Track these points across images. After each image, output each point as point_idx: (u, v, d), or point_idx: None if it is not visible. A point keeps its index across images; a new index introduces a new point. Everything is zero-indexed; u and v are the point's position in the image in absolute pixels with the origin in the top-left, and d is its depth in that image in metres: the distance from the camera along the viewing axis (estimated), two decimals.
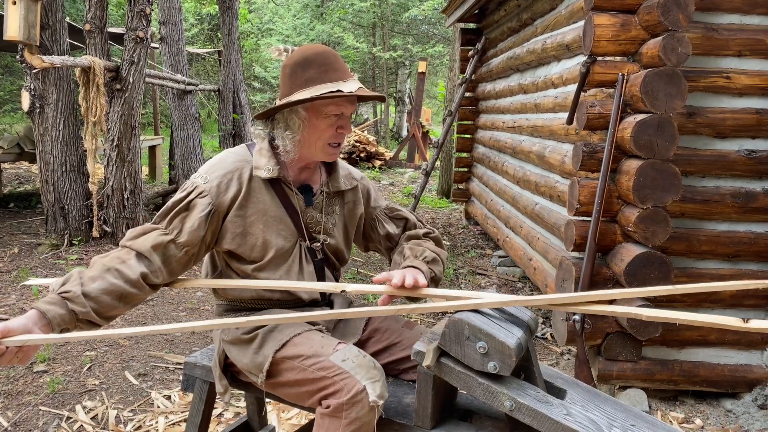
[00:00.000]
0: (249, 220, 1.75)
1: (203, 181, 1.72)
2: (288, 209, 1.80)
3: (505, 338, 1.43)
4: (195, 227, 1.68)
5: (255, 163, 1.77)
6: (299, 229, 1.81)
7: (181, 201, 1.71)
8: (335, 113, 1.72)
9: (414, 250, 1.85)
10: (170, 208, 1.71)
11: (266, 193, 1.77)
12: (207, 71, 21.25)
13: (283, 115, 1.75)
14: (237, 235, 1.74)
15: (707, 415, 3.09)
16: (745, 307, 3.14)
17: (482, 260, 6.01)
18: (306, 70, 1.71)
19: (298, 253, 1.81)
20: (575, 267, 2.99)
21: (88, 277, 1.57)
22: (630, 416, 1.52)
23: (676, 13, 2.73)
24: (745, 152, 3.05)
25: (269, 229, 1.76)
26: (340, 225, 1.91)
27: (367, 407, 1.54)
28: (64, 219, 5.65)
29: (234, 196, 1.73)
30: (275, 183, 1.79)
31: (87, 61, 5.27)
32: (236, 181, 1.74)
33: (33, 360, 3.36)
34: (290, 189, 1.81)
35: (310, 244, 1.83)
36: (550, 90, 4.34)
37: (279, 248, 1.77)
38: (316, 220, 1.85)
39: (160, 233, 1.68)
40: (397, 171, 13.11)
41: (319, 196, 1.86)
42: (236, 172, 1.75)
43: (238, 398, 3.02)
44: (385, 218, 2.01)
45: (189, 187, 1.73)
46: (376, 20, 19.58)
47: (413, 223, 2.03)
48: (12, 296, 4.33)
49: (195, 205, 1.70)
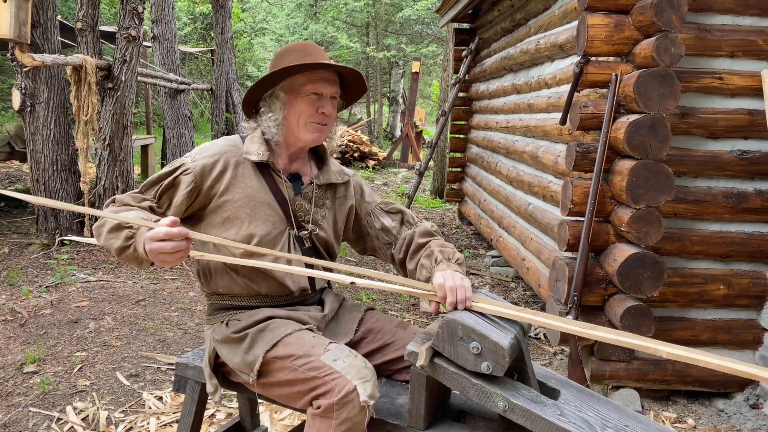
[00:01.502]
0: (236, 204, 1.78)
1: (190, 161, 1.79)
2: (276, 196, 1.82)
3: (498, 339, 1.43)
4: (179, 203, 1.76)
5: (246, 148, 1.82)
6: (287, 216, 1.82)
7: (166, 176, 1.77)
8: (313, 92, 1.78)
9: (444, 252, 1.80)
10: (156, 181, 1.77)
11: (254, 179, 1.80)
12: (200, 70, 21.18)
13: (266, 101, 1.83)
14: (225, 220, 1.78)
15: (699, 414, 3.10)
16: (737, 307, 3.15)
17: (475, 260, 6.01)
18: (284, 57, 1.80)
19: (286, 241, 1.82)
20: (568, 267, 3.00)
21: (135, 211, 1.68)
22: (623, 416, 1.52)
23: (669, 13, 2.74)
24: (737, 153, 3.06)
25: (256, 214, 1.78)
26: (330, 218, 1.93)
27: (358, 407, 1.54)
28: (55, 218, 5.61)
29: (218, 177, 1.77)
30: (264, 170, 1.82)
31: (79, 59, 5.24)
32: (222, 163, 1.79)
33: (23, 361, 3.33)
34: (279, 176, 1.83)
35: (298, 232, 1.84)
36: (543, 90, 4.35)
37: (264, 234, 1.78)
38: (305, 209, 1.87)
39: (150, 204, 1.75)
40: (390, 171, 13.11)
41: (308, 186, 1.88)
42: (224, 155, 1.80)
43: (231, 399, 3.00)
44: (380, 212, 2.02)
45: (177, 163, 1.79)
46: (369, 20, 19.58)
47: (410, 215, 2.02)
48: (2, 296, 4.30)
49: (179, 182, 1.76)
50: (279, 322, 1.76)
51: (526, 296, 4.87)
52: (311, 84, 1.78)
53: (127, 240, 1.61)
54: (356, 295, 4.69)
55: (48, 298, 4.27)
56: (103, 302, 4.27)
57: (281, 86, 1.80)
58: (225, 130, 9.35)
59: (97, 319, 3.97)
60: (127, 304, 4.24)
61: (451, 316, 1.48)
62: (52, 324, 3.84)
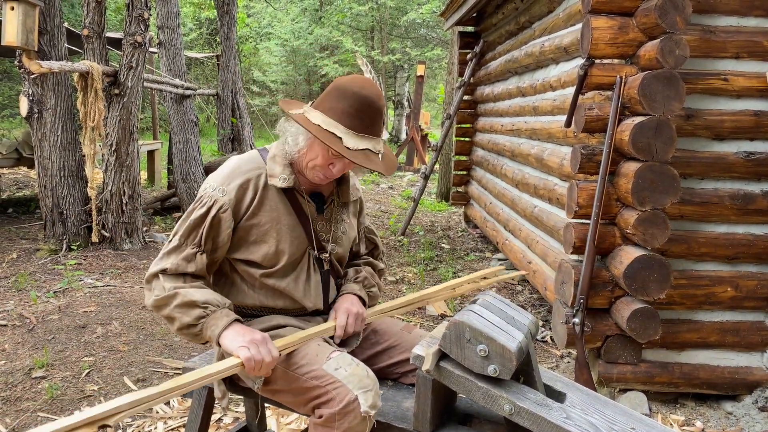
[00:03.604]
0: (263, 228, 1.75)
1: (221, 194, 1.72)
2: (300, 217, 1.80)
3: (506, 342, 1.43)
4: (223, 243, 1.73)
5: (270, 171, 1.77)
6: (309, 237, 1.82)
7: (203, 218, 1.71)
8: (336, 157, 1.70)
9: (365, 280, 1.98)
10: (194, 226, 1.71)
11: (279, 201, 1.77)
12: (206, 76, 21.27)
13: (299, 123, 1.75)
14: (251, 243, 1.76)
15: (708, 417, 3.08)
16: (745, 309, 3.13)
17: (482, 263, 6.01)
18: (342, 100, 1.67)
19: (306, 261, 1.83)
20: (574, 270, 2.99)
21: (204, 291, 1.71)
22: (630, 419, 1.52)
23: (674, 15, 2.74)
24: (743, 154, 3.05)
25: (283, 237, 1.76)
26: (347, 234, 1.93)
27: (359, 417, 1.54)
28: (63, 224, 5.64)
29: (249, 203, 1.74)
30: (288, 190, 1.79)
31: (85, 66, 5.27)
32: (251, 190, 1.74)
33: (31, 366, 3.35)
34: (302, 197, 1.81)
35: (318, 254, 1.84)
36: (548, 93, 4.34)
37: (290, 256, 1.78)
38: (326, 228, 1.87)
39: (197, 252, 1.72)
40: (396, 174, 13.11)
41: (329, 205, 1.88)
42: (252, 181, 1.75)
43: (237, 403, 3.01)
44: (363, 237, 2.07)
45: (208, 201, 1.72)
46: (374, 24, 19.61)
47: (380, 251, 2.11)
48: (11, 302, 4.32)
49: (219, 221, 1.71)
50: (289, 330, 1.77)
51: (532, 299, 4.86)
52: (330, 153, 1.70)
53: (198, 320, 1.64)
54: None
55: (56, 304, 4.30)
56: (111, 307, 4.29)
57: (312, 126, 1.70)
58: (231, 134, 9.36)
59: (105, 324, 3.98)
60: (135, 309, 4.25)
61: (459, 318, 1.48)
62: (59, 329, 3.86)
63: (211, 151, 13.81)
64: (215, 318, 1.64)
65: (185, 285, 1.68)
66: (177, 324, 1.66)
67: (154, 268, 1.71)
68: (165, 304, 1.66)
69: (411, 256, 6.08)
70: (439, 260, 5.99)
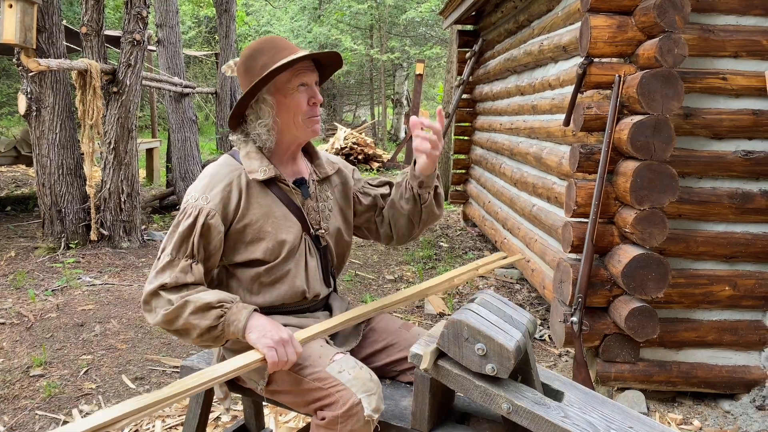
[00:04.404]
0: (257, 225, 1.74)
1: (205, 202, 1.69)
2: (289, 206, 1.80)
3: (504, 340, 1.43)
4: (216, 249, 1.71)
5: (248, 167, 1.75)
6: (303, 222, 1.82)
7: (191, 228, 1.67)
8: (300, 83, 1.73)
9: None
10: (183, 238, 1.67)
11: (265, 196, 1.77)
12: (204, 74, 21.26)
13: (252, 108, 1.76)
14: (249, 243, 1.74)
15: (705, 416, 3.09)
16: (743, 308, 3.14)
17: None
18: (257, 59, 1.73)
19: (304, 246, 1.82)
20: (573, 268, 2.99)
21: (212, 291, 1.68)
22: (628, 418, 1.52)
23: (673, 14, 2.74)
24: (741, 153, 3.05)
25: (279, 228, 1.76)
26: (336, 209, 1.93)
27: (363, 421, 1.54)
28: (61, 222, 5.64)
29: (236, 205, 1.72)
30: (271, 183, 1.78)
31: (84, 64, 5.26)
32: (236, 191, 1.73)
33: (29, 364, 3.35)
34: (286, 185, 1.81)
35: (314, 231, 1.85)
36: (547, 91, 4.34)
37: (290, 243, 1.77)
38: (315, 209, 1.87)
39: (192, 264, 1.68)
40: (394, 173, 13.10)
41: (311, 185, 1.88)
42: (233, 182, 1.74)
43: (236, 401, 3.01)
44: (370, 187, 2.03)
45: (192, 210, 1.68)
46: (373, 22, 19.60)
47: None
48: (9, 300, 4.32)
49: (209, 228, 1.68)
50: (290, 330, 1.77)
51: (530, 298, 4.86)
52: (296, 78, 1.73)
53: (217, 320, 1.61)
54: (361, 297, 4.69)
55: (54, 302, 4.29)
56: (109, 305, 4.29)
57: (266, 90, 1.73)
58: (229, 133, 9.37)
59: (103, 322, 3.98)
60: (133, 308, 4.25)
61: (457, 316, 1.48)
62: (58, 327, 3.86)
63: (210, 149, 13.81)
64: (233, 314, 1.61)
65: (191, 292, 1.63)
66: (196, 332, 1.61)
67: (151, 286, 1.64)
68: (177, 315, 1.61)
69: (409, 254, 6.08)
70: (437, 259, 5.99)
